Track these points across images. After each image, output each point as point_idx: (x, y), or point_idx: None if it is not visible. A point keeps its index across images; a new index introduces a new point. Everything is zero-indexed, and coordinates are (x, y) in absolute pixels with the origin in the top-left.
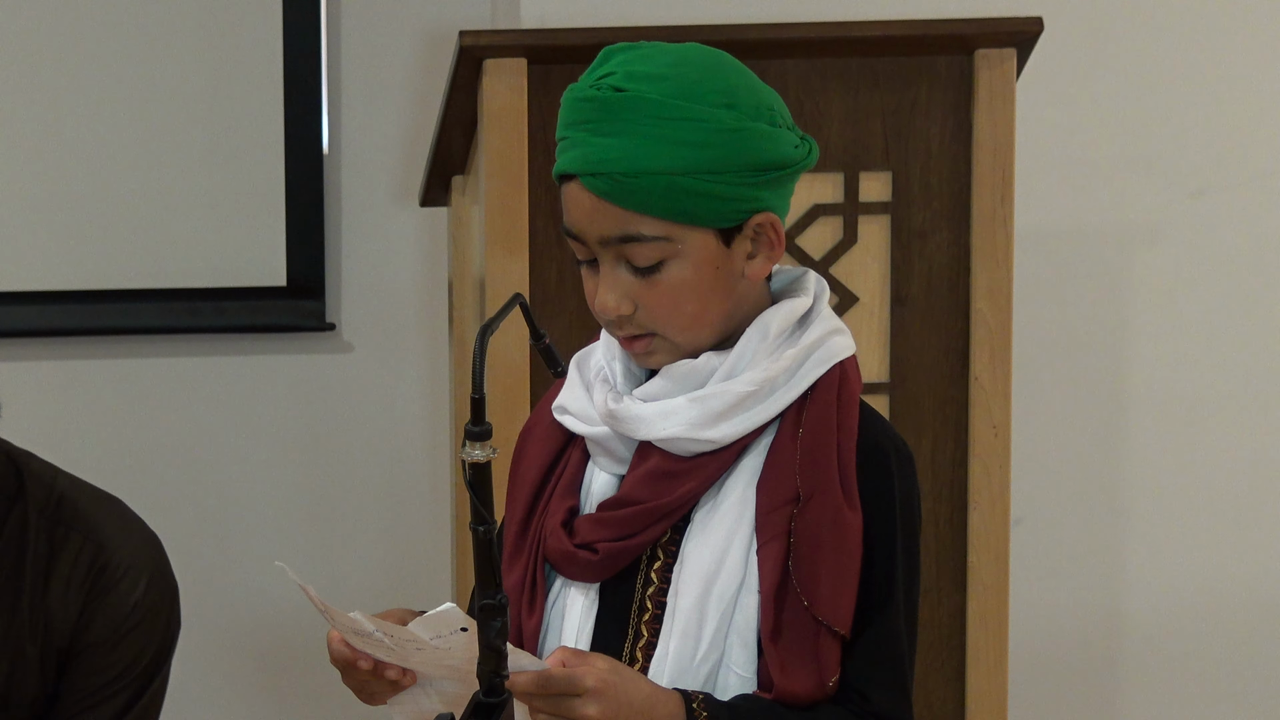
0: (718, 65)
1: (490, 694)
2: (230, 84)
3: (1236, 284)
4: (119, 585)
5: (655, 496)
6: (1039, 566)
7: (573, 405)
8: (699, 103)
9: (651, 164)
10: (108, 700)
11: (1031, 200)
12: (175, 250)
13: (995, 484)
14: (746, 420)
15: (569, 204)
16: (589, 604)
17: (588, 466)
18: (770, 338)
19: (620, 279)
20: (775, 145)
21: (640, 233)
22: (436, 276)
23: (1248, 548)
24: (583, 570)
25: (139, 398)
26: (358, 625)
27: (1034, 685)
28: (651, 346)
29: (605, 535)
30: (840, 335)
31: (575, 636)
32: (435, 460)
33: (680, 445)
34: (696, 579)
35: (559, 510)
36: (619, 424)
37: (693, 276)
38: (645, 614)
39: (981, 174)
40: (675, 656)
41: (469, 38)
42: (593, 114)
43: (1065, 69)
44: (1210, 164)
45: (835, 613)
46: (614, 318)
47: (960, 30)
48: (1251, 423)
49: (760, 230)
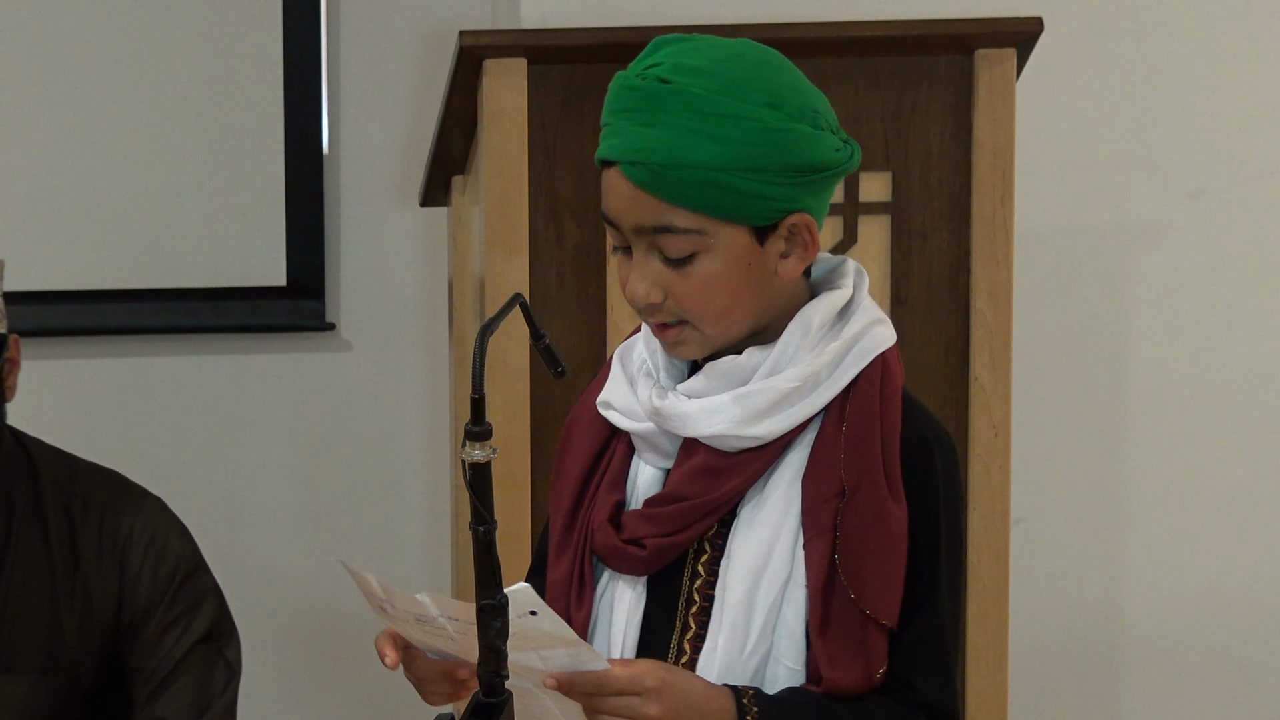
0: (765, 63)
1: (490, 694)
2: (230, 84)
3: (1236, 284)
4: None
5: (702, 492)
6: (1039, 566)
7: (617, 400)
8: (743, 100)
9: (690, 157)
10: (183, 630)
11: (1031, 200)
12: (175, 250)
13: (995, 484)
14: (791, 416)
15: (607, 190)
16: (637, 597)
17: (633, 460)
18: (813, 332)
19: (652, 268)
20: (816, 147)
21: (674, 224)
22: (436, 276)
23: (1248, 548)
24: (631, 565)
25: (139, 398)
26: (422, 608)
27: (1034, 685)
28: (682, 336)
29: (653, 531)
30: (881, 325)
31: (624, 629)
32: (435, 460)
33: (726, 442)
34: (744, 573)
35: (605, 505)
36: (664, 421)
37: (724, 270)
38: (693, 607)
39: (981, 174)
40: (724, 650)
41: (469, 38)
42: (636, 103)
43: (1065, 69)
44: (1210, 164)
45: (882, 605)
46: (644, 305)
47: (960, 30)
48: (1251, 422)
49: (795, 231)
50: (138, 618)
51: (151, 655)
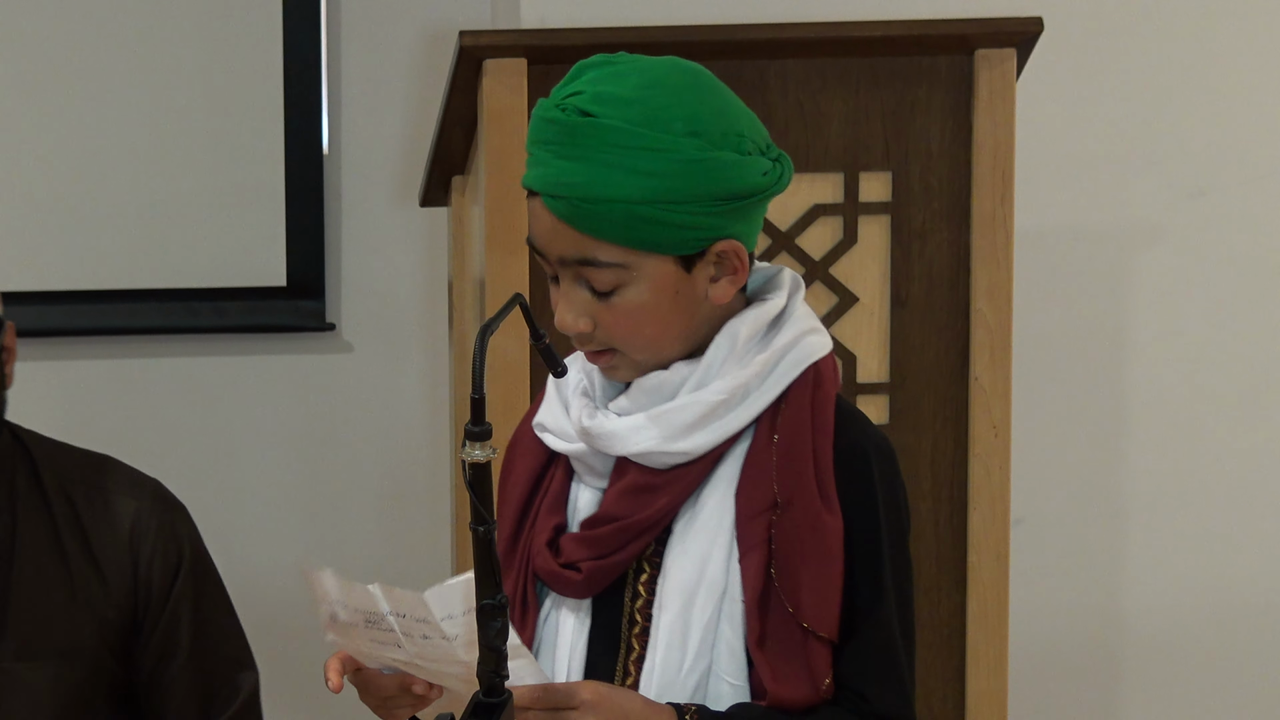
0: (689, 88)
1: (490, 694)
2: (230, 84)
3: (1236, 284)
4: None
5: (633, 511)
6: (1039, 566)
7: (550, 422)
8: (663, 131)
9: (611, 192)
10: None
11: (1031, 200)
12: (175, 250)
13: (995, 484)
14: (720, 429)
15: (532, 219)
16: (580, 620)
17: (573, 482)
18: (739, 344)
19: (579, 298)
20: (740, 174)
21: (597, 257)
22: (436, 276)
23: (1248, 548)
24: (570, 588)
25: (139, 398)
26: (372, 602)
27: (1034, 685)
28: (614, 362)
29: (588, 554)
30: (815, 335)
31: (569, 652)
32: (435, 460)
33: (654, 459)
34: (678, 591)
35: (545, 529)
36: (593, 440)
37: (651, 300)
38: (635, 627)
39: (981, 174)
40: (661, 669)
41: (469, 38)
42: (556, 136)
43: (1065, 69)
44: (1210, 164)
45: (820, 618)
46: (574, 334)
47: (960, 30)
48: (1251, 423)
49: (723, 256)
50: (153, 600)
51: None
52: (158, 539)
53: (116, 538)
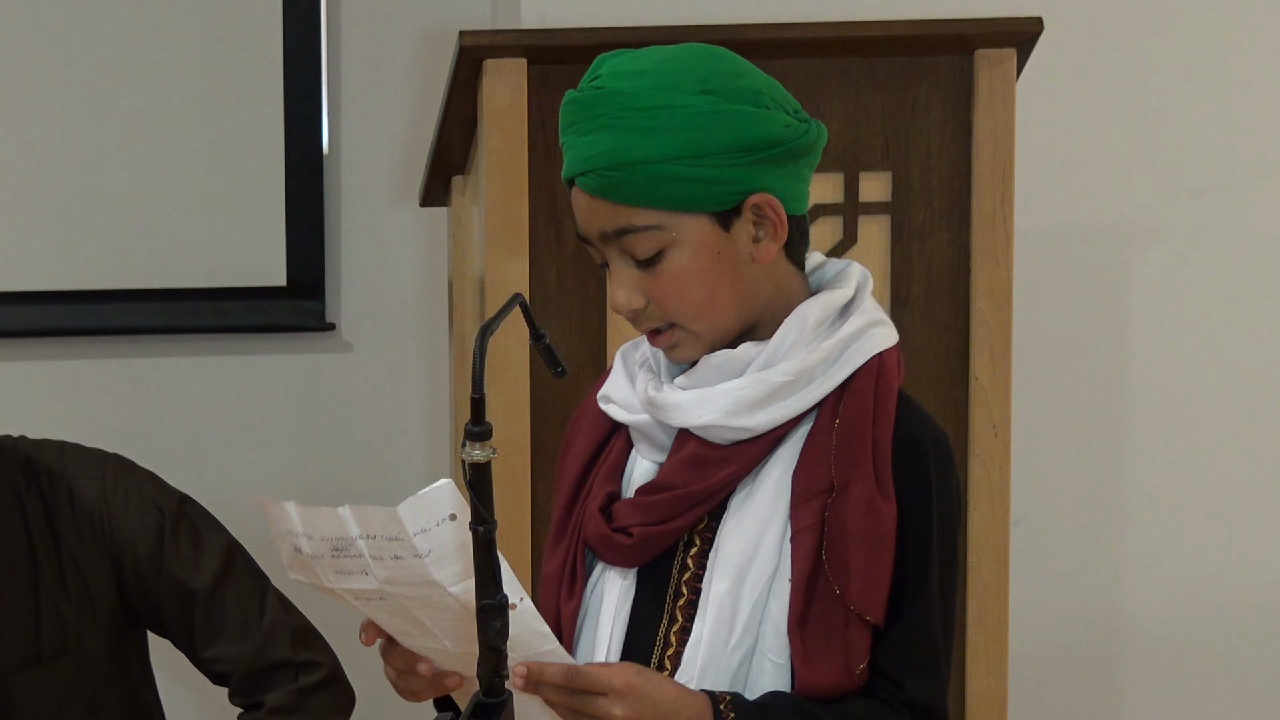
0: (701, 56)
1: (490, 694)
2: (230, 84)
3: (1236, 284)
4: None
5: (691, 482)
6: (1039, 566)
7: (615, 394)
8: (675, 91)
9: (632, 155)
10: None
11: (1031, 200)
12: (175, 250)
13: (995, 484)
14: (783, 409)
15: (575, 209)
16: (626, 588)
17: (631, 454)
18: (808, 328)
19: (627, 274)
20: (759, 125)
21: (633, 223)
22: (436, 276)
23: (1248, 548)
24: (620, 554)
25: (139, 398)
26: (340, 525)
27: (1034, 685)
28: (674, 339)
29: (641, 520)
30: (881, 326)
31: (612, 620)
32: (435, 460)
33: (717, 433)
34: (731, 565)
35: (599, 495)
36: (657, 411)
37: (693, 262)
38: (681, 599)
39: (981, 174)
40: (709, 642)
41: (469, 38)
42: (576, 115)
43: (1065, 69)
44: (1210, 164)
45: (867, 602)
46: (628, 313)
47: (960, 30)
48: (1251, 422)
49: (760, 211)
50: (146, 573)
51: (178, 599)
52: (128, 513)
53: (85, 525)
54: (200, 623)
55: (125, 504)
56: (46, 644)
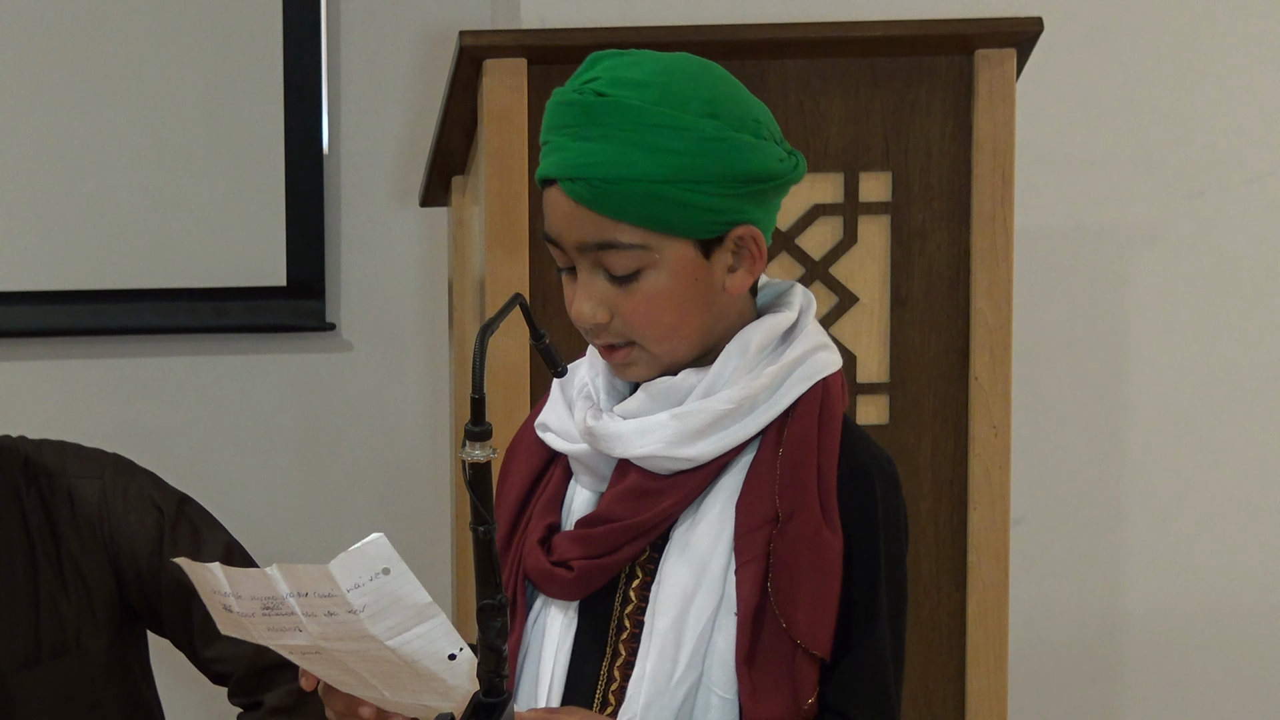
0: (704, 74)
1: (490, 694)
2: (230, 84)
3: (1236, 284)
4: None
5: (633, 514)
6: (1039, 566)
7: (554, 422)
8: (682, 110)
9: (631, 170)
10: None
11: (1031, 200)
12: (175, 250)
13: (995, 484)
14: (725, 438)
15: (549, 209)
16: (568, 622)
17: (570, 483)
18: (750, 354)
19: (597, 286)
20: (758, 157)
21: (618, 240)
22: (436, 276)
23: (1247, 548)
24: (560, 588)
25: (139, 398)
26: (270, 586)
27: (1034, 685)
28: (630, 357)
29: (582, 553)
30: (825, 351)
31: (554, 654)
32: (435, 460)
33: (658, 463)
34: (674, 599)
35: (538, 527)
36: (597, 441)
37: (670, 286)
38: (624, 633)
39: (981, 174)
40: (652, 677)
41: (469, 38)
42: (575, 118)
43: (1065, 69)
44: (1210, 164)
45: (813, 635)
46: (590, 325)
47: (960, 30)
48: (1251, 423)
49: (741, 243)
50: (145, 572)
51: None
52: (128, 512)
53: (85, 526)
54: (200, 622)
55: (125, 504)
56: (46, 644)
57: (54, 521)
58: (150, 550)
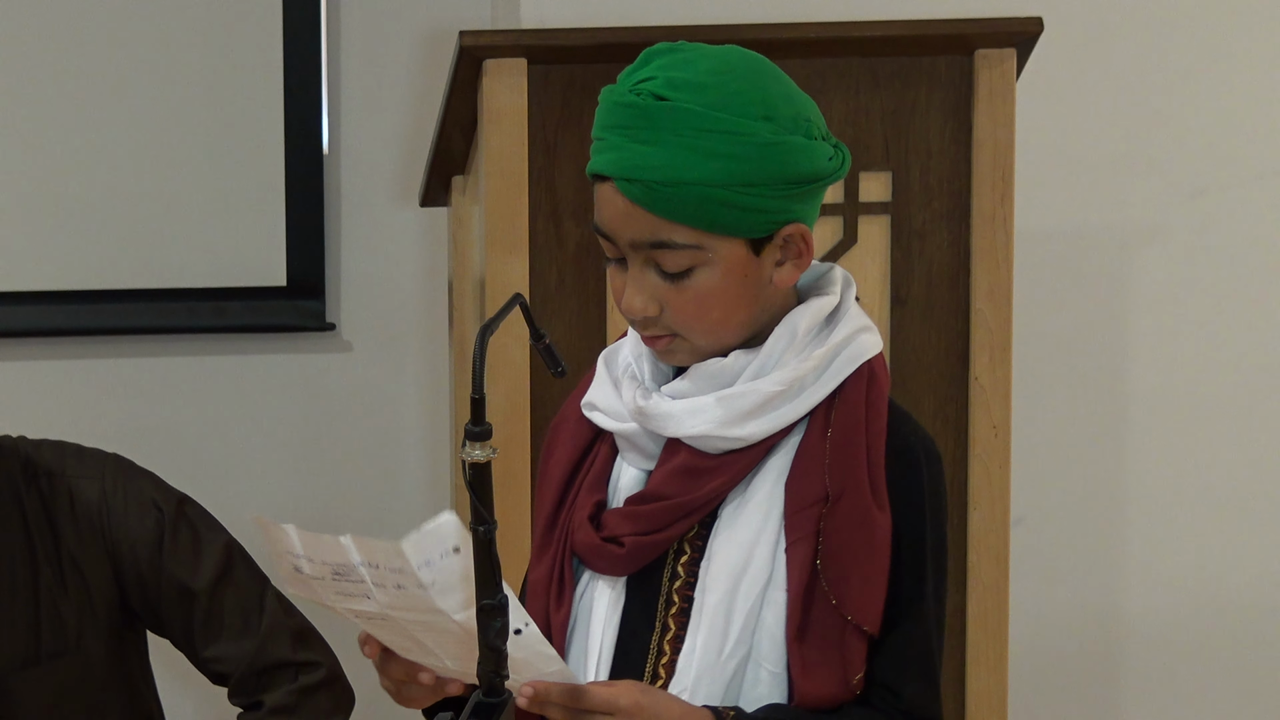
0: (758, 73)
1: (490, 694)
2: (230, 84)
3: (1236, 284)
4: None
5: (683, 492)
6: (1039, 566)
7: (601, 401)
8: (739, 115)
9: (688, 174)
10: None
11: (1031, 200)
12: (175, 250)
13: (995, 484)
14: (775, 419)
15: (601, 204)
16: (616, 597)
17: (616, 462)
18: (799, 337)
19: (648, 281)
20: (810, 158)
21: (672, 240)
22: (436, 276)
23: (1248, 547)
24: (610, 564)
25: (139, 398)
26: (343, 553)
27: (1034, 685)
28: (672, 346)
29: (632, 529)
30: (868, 333)
31: (603, 629)
32: (435, 460)
33: (708, 443)
34: (724, 575)
35: (586, 504)
36: (648, 420)
37: (720, 284)
38: (672, 608)
39: (981, 174)
40: (702, 651)
41: (469, 38)
42: (632, 120)
43: (1065, 69)
44: (1210, 164)
45: (864, 612)
46: (639, 318)
47: (960, 30)
48: (1251, 423)
49: (790, 240)
50: (145, 573)
51: (178, 599)
52: (127, 513)
53: (85, 526)
54: (200, 623)
55: (125, 504)
56: (46, 644)
57: (54, 522)
58: (150, 551)
